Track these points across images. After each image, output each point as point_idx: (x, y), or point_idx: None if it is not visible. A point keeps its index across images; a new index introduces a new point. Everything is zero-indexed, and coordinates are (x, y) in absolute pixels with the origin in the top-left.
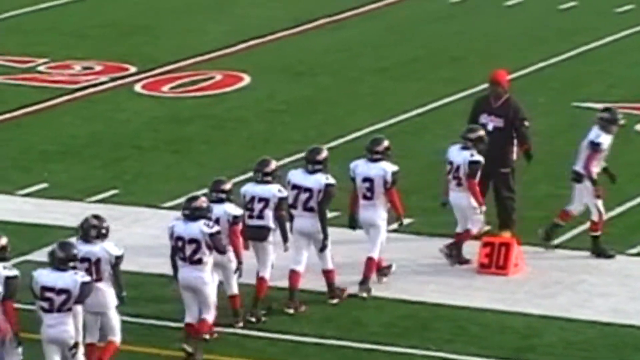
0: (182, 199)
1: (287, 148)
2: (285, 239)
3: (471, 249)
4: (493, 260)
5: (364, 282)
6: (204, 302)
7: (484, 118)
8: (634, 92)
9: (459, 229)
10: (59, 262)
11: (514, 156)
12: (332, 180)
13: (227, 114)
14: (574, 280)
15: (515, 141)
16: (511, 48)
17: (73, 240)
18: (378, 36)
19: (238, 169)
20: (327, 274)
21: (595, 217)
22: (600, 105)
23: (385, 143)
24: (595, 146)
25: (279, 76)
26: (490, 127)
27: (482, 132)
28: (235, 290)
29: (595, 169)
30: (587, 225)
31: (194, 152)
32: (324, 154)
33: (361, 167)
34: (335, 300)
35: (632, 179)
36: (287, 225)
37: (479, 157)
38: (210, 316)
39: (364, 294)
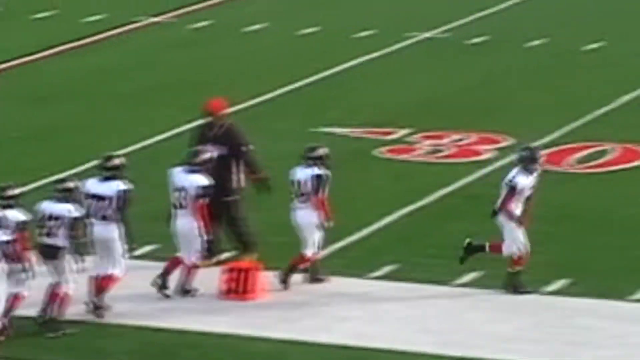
0: None
1: (24, 177)
2: (77, 259)
3: (212, 275)
4: (237, 285)
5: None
6: None
7: (202, 147)
8: (374, 117)
9: (304, 249)
10: None
11: (240, 184)
12: (128, 186)
13: None
14: (317, 303)
15: (238, 169)
16: (251, 74)
17: None
18: (121, 62)
19: None
20: (105, 280)
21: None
22: (341, 130)
23: (205, 155)
24: (511, 186)
25: (18, 103)
26: (210, 155)
27: (324, 150)
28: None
29: (516, 210)
30: (338, 245)
31: None
32: (119, 160)
33: (177, 177)
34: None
35: (370, 204)
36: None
37: (323, 171)
38: None
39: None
